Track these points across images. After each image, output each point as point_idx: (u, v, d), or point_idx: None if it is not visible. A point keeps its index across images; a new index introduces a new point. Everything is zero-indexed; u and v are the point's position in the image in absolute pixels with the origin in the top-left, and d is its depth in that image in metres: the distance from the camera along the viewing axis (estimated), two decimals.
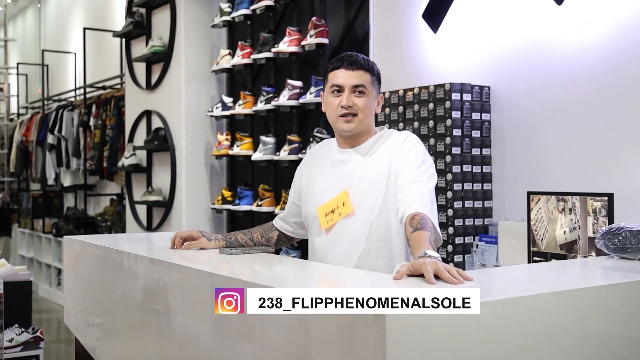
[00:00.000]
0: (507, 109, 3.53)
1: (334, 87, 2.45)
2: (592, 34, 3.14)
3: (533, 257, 3.08)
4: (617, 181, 3.00)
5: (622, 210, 2.84)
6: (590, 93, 3.17)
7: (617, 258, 2.10)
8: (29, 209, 10.33)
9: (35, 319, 5.05)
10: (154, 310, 2.45)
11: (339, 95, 2.44)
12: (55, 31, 11.12)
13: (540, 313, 1.59)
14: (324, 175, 2.55)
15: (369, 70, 2.45)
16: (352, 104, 2.42)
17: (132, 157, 6.49)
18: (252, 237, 2.72)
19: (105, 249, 2.96)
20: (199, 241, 2.61)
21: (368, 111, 2.46)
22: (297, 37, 4.81)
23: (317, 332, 1.62)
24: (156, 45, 6.10)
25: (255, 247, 2.67)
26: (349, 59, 2.44)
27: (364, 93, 2.43)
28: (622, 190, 2.92)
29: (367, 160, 2.46)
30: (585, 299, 1.68)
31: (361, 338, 1.47)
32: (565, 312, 1.63)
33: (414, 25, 3.98)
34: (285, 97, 4.80)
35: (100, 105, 8.04)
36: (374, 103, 2.48)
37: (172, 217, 6.02)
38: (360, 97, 2.43)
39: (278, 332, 1.75)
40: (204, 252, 2.56)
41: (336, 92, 2.45)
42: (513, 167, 3.50)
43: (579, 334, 1.64)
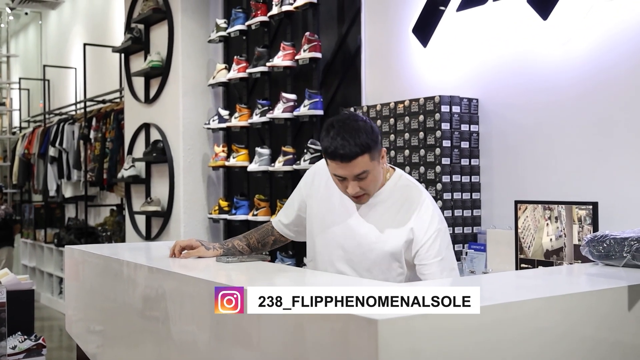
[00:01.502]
0: (494, 120, 3.54)
1: (335, 176, 2.34)
2: (577, 48, 3.16)
3: (520, 264, 3.09)
4: (601, 190, 3.01)
5: (606, 219, 2.84)
6: (575, 105, 3.18)
7: (602, 265, 2.11)
8: (31, 220, 10.30)
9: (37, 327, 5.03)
10: (153, 317, 2.44)
11: (344, 181, 2.32)
12: (56, 47, 11.12)
13: (528, 318, 1.59)
14: (328, 202, 2.51)
15: (365, 150, 2.24)
16: (359, 189, 2.31)
17: (131, 168, 6.49)
18: (249, 243, 2.69)
19: (105, 258, 2.96)
20: (197, 250, 2.60)
21: (375, 183, 2.36)
22: (291, 52, 4.82)
23: (312, 337, 1.62)
24: (154, 60, 6.11)
25: (252, 254, 2.67)
26: (342, 155, 2.23)
27: (367, 175, 2.29)
28: (607, 199, 2.93)
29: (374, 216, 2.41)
30: (571, 305, 1.68)
31: (354, 342, 1.47)
32: (552, 317, 1.63)
33: (405, 40, 3.99)
34: (280, 110, 4.81)
35: (100, 118, 8.04)
36: (379, 168, 2.35)
37: (171, 227, 6.01)
38: (364, 180, 2.30)
39: (274, 338, 1.74)
40: (202, 260, 2.56)
41: (339, 179, 2.33)
42: (501, 176, 3.50)
43: (565, 338, 1.65)
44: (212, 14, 6.04)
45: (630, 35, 2.95)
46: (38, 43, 12.16)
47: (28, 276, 4.56)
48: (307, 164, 4.55)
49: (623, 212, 2.89)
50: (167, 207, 6.00)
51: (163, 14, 6.08)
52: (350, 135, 2.23)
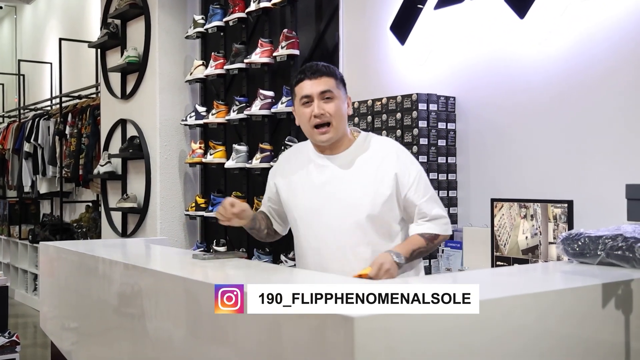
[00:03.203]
0: (471, 118, 3.56)
1: (303, 98, 2.46)
2: (552, 47, 3.18)
3: (496, 261, 3.11)
4: (576, 189, 3.04)
5: (581, 217, 2.87)
6: (551, 104, 3.20)
7: (576, 263, 2.12)
8: (5, 216, 10.18)
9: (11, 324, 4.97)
10: (128, 314, 2.43)
11: (309, 105, 2.45)
12: (31, 41, 11.01)
13: (503, 316, 1.60)
14: (306, 178, 2.55)
15: (331, 75, 2.47)
16: (324, 111, 2.43)
17: (107, 164, 6.44)
18: (261, 226, 2.71)
19: (80, 255, 2.94)
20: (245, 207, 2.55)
21: (340, 115, 2.47)
22: (268, 49, 4.81)
23: (289, 335, 1.62)
24: (131, 56, 6.07)
25: (228, 252, 2.67)
26: (311, 69, 2.48)
27: (332, 98, 2.45)
28: (582, 197, 2.95)
29: (347, 174, 2.48)
30: (546, 303, 1.69)
31: (331, 340, 1.46)
32: (527, 315, 1.64)
33: (383, 38, 4.00)
34: (258, 107, 4.80)
35: (76, 114, 7.97)
36: (344, 106, 2.49)
37: (147, 224, 5.97)
38: (329, 103, 2.44)
39: (250, 335, 1.74)
40: (178, 257, 2.55)
41: (306, 103, 2.46)
42: (477, 174, 3.52)
43: (540, 336, 1.65)
44: (190, 10, 6.00)
45: (606, 34, 2.98)
46: (13, 37, 12.02)
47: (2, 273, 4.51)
48: None
49: (598, 210, 2.92)
50: (143, 204, 5.96)
51: (140, 9, 6.04)
52: (318, 62, 2.53)
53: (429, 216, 2.47)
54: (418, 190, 2.46)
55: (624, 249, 1.99)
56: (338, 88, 2.48)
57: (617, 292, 1.78)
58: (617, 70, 2.95)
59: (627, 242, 2.00)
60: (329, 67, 2.50)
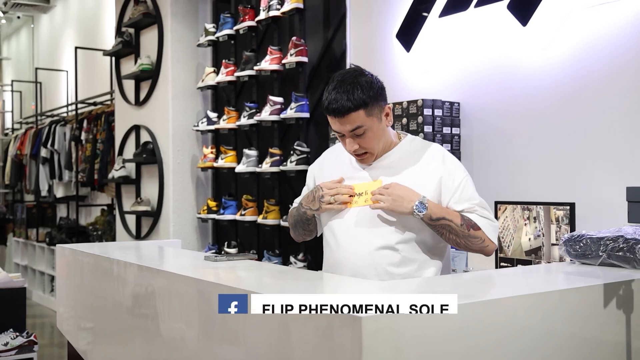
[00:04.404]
0: (475, 123, 3.55)
1: (334, 132, 2.31)
2: (555, 53, 3.17)
3: (500, 262, 3.10)
4: (578, 191, 3.03)
5: (583, 219, 2.86)
6: (553, 109, 3.19)
7: (579, 264, 2.12)
8: (23, 219, 10.23)
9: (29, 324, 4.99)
10: (142, 314, 2.44)
11: (343, 138, 2.28)
12: (48, 50, 11.06)
13: (507, 315, 1.60)
14: (348, 170, 2.38)
15: (359, 106, 2.20)
16: (357, 146, 2.26)
17: (121, 169, 6.46)
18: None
19: (96, 257, 2.95)
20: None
21: (376, 141, 2.28)
22: (278, 56, 4.82)
23: (297, 335, 1.62)
24: (144, 64, 6.09)
25: (239, 253, 2.66)
26: (334, 110, 2.20)
27: (363, 133, 2.24)
28: (583, 199, 2.95)
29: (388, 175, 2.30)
30: (548, 303, 1.69)
31: (338, 340, 1.46)
32: (531, 314, 1.64)
33: (389, 45, 4.00)
34: (267, 113, 4.81)
35: (91, 120, 8.00)
36: (380, 125, 2.27)
37: (160, 226, 5.99)
38: (362, 138, 2.25)
39: (259, 335, 1.74)
40: (190, 259, 2.55)
41: (339, 135, 2.29)
42: (481, 178, 3.52)
43: (543, 335, 1.65)
44: (201, 19, 6.02)
45: (607, 41, 2.97)
46: (30, 46, 12.08)
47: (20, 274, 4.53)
48: (294, 166, 4.54)
49: (599, 212, 2.91)
50: (156, 207, 5.98)
51: (153, 18, 6.06)
52: (345, 91, 2.20)
53: (475, 213, 2.27)
54: (463, 195, 2.27)
55: (625, 250, 1.99)
56: (369, 116, 2.22)
57: (618, 292, 1.78)
58: (618, 76, 2.95)
59: (628, 244, 1.99)
60: (353, 95, 2.19)
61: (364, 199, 2.29)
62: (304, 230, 2.51)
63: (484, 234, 2.26)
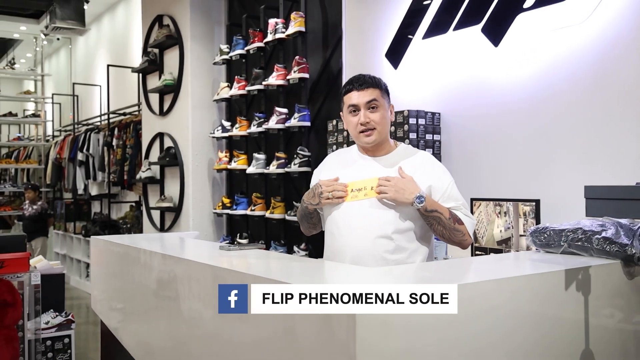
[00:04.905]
0: (454, 131, 3.55)
1: (350, 107, 2.33)
2: (523, 70, 3.17)
3: (475, 251, 3.10)
4: (543, 189, 3.03)
5: (547, 213, 2.86)
6: (521, 117, 3.20)
7: (543, 252, 2.12)
8: (62, 214, 10.23)
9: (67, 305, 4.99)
10: (165, 297, 2.44)
11: (356, 114, 2.32)
12: (84, 67, 11.06)
13: (482, 298, 1.60)
14: (350, 174, 2.37)
15: (377, 85, 2.33)
16: (369, 119, 2.30)
17: (147, 171, 6.46)
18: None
19: (125, 247, 2.94)
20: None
21: (384, 122, 2.33)
22: (283, 72, 4.81)
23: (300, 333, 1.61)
24: (167, 79, 6.09)
25: (249, 243, 2.65)
26: (358, 81, 2.33)
27: (377, 107, 2.31)
28: (547, 196, 2.95)
29: (392, 172, 2.31)
30: (517, 286, 1.69)
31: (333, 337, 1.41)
32: (502, 296, 1.63)
33: (379, 63, 4.00)
34: (274, 122, 4.81)
35: (121, 128, 8.00)
36: (388, 113, 2.36)
37: (181, 220, 5.99)
38: (374, 112, 2.31)
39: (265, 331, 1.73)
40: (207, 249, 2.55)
41: (353, 111, 2.33)
42: (460, 178, 3.50)
43: (513, 314, 1.65)
44: (217, 40, 6.02)
45: (569, 61, 2.97)
46: (68, 64, 12.08)
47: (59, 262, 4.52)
48: (297, 168, 4.54)
49: (561, 207, 2.91)
50: (178, 204, 5.98)
51: (175, 40, 6.06)
52: (365, 75, 2.36)
53: (460, 211, 2.31)
54: (450, 196, 2.32)
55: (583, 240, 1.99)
56: (383, 97, 2.33)
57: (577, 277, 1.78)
58: (577, 90, 2.95)
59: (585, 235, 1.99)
60: (374, 78, 2.35)
61: (364, 193, 2.29)
62: (309, 223, 2.51)
63: (465, 229, 2.30)
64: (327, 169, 2.48)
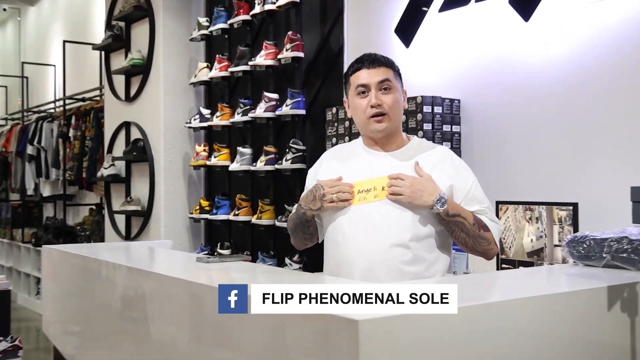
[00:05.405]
0: (476, 121, 3.56)
1: (359, 87, 2.33)
2: (558, 49, 3.18)
3: (501, 264, 3.11)
4: (582, 191, 3.04)
5: (586, 219, 2.87)
6: (556, 105, 3.20)
7: (582, 265, 2.13)
8: (8, 219, 10.21)
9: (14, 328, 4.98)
10: (132, 318, 2.44)
11: (365, 95, 2.33)
12: (35, 44, 11.04)
13: (508, 318, 1.61)
14: (354, 173, 2.35)
15: (390, 65, 2.36)
16: (381, 101, 2.30)
17: (111, 167, 6.46)
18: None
19: (84, 258, 2.95)
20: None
21: (397, 108, 2.34)
22: (273, 51, 4.82)
23: (293, 337, 1.63)
24: (135, 58, 6.09)
25: (233, 255, 2.66)
26: (369, 58, 2.35)
27: (390, 89, 2.32)
28: (587, 199, 2.96)
29: (406, 169, 2.29)
30: (550, 305, 1.69)
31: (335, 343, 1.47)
32: (532, 317, 1.64)
33: (387, 40, 4.00)
34: (262, 109, 4.81)
35: (79, 116, 7.99)
36: (402, 99, 2.37)
37: (151, 227, 5.99)
38: (387, 94, 2.32)
39: (254, 338, 1.75)
40: (182, 260, 2.56)
41: (362, 93, 2.33)
42: (482, 177, 3.50)
43: (545, 339, 1.66)
44: (194, 12, 6.02)
45: (611, 37, 2.98)
46: (16, 39, 12.06)
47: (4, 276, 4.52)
48: (289, 164, 4.55)
49: (603, 212, 2.92)
50: (147, 207, 5.98)
51: (144, 11, 6.06)
52: (376, 53, 2.39)
53: (485, 216, 2.32)
54: (474, 197, 2.33)
55: (630, 251, 2.00)
56: (396, 79, 2.36)
57: (622, 295, 1.79)
58: (622, 72, 2.95)
59: (632, 245, 2.00)
60: (387, 57, 2.38)
61: (373, 194, 2.28)
62: (304, 233, 2.49)
63: (491, 236, 2.31)
64: (326, 167, 2.47)
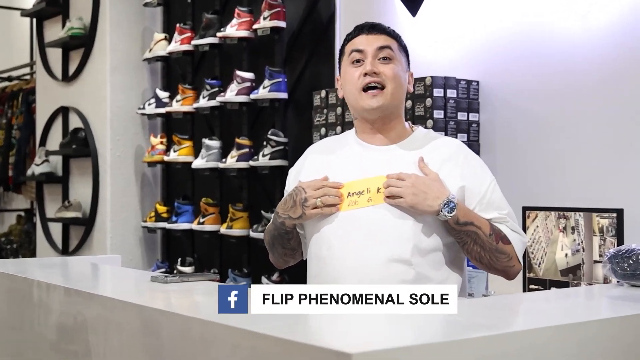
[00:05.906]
0: (498, 108, 3.57)
1: (353, 52, 2.35)
2: (597, 20, 3.20)
3: (529, 284, 3.13)
4: (627, 195, 3.05)
5: (633, 229, 2.89)
6: (596, 90, 3.22)
7: (627, 286, 2.14)
8: None
9: None
10: (70, 351, 2.44)
11: (360, 64, 2.34)
12: None
13: (536, 351, 1.62)
14: (343, 166, 2.37)
15: (393, 36, 2.40)
16: (378, 70, 2.31)
17: (44, 164, 6.44)
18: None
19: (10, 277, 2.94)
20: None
21: (399, 83, 2.35)
22: (248, 20, 4.82)
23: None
24: (75, 28, 6.07)
25: (197, 273, 2.66)
26: (369, 24, 2.40)
27: (391, 59, 2.35)
28: (634, 205, 2.97)
29: (408, 166, 2.30)
30: (589, 334, 1.70)
31: None
32: (567, 349, 1.65)
33: (389, 8, 4.01)
34: (234, 92, 4.81)
35: (5, 100, 7.97)
36: (405, 76, 2.38)
37: (94, 238, 5.98)
38: (386, 64, 2.33)
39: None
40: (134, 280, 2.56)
41: (356, 61, 2.35)
42: (506, 177, 3.54)
43: None
44: None
45: None
46: None
47: None
48: (267, 160, 4.55)
49: None
50: (89, 213, 5.97)
51: None
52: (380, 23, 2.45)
53: (505, 225, 2.32)
54: (491, 202, 2.33)
55: None
56: (400, 52, 2.38)
57: None
58: None
59: None
60: (392, 29, 2.42)
61: (367, 198, 2.28)
62: (284, 248, 2.49)
63: (513, 251, 2.31)
64: (310, 165, 2.48)
